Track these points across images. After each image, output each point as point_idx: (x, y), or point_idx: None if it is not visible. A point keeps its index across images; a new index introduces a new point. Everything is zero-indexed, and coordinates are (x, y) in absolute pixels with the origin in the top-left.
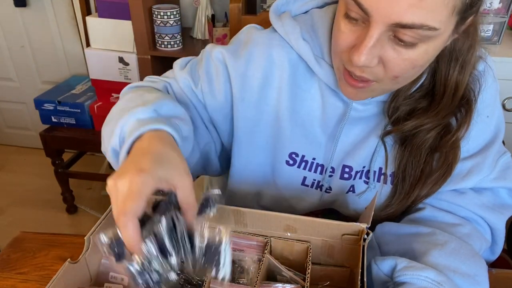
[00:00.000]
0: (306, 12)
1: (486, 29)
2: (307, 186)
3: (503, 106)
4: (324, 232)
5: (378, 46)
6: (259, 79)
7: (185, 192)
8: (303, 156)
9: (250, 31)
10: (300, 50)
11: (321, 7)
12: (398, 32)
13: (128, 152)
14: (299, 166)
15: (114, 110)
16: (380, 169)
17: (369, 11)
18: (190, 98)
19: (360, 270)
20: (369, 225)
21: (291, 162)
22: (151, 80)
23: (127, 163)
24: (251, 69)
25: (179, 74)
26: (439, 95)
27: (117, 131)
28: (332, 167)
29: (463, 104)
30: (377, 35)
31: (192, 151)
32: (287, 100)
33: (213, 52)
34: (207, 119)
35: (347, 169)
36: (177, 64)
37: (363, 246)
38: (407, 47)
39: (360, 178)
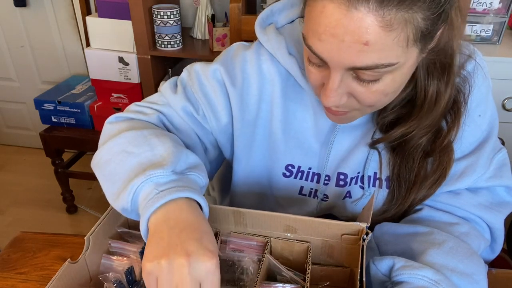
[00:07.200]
0: (292, 21)
1: (486, 29)
2: (305, 195)
3: (503, 106)
4: (324, 232)
5: (343, 86)
6: (255, 96)
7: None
8: (299, 167)
9: (239, 49)
10: (287, 65)
11: None
12: (358, 72)
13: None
14: (295, 177)
15: (112, 147)
16: (375, 174)
17: (324, 59)
18: (192, 126)
19: (359, 270)
20: (369, 224)
21: (287, 174)
22: (141, 111)
23: (171, 241)
24: (246, 88)
25: (173, 99)
26: (420, 101)
27: (129, 190)
28: (327, 175)
29: (452, 107)
30: (339, 78)
31: None
32: (280, 113)
33: (208, 71)
34: (209, 143)
35: (342, 176)
36: (166, 87)
37: (363, 246)
38: (371, 82)
39: (356, 183)
